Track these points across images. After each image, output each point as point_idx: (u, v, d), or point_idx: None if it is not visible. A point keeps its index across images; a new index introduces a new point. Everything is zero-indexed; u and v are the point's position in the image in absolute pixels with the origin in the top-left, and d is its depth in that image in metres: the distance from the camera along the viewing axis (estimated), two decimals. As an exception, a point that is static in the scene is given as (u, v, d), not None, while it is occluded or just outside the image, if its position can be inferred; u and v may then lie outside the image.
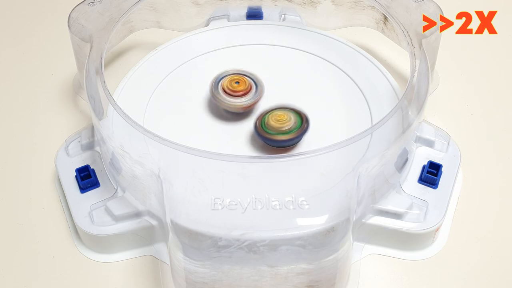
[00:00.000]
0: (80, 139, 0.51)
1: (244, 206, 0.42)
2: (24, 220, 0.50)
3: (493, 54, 0.62)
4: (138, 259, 0.47)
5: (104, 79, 0.47)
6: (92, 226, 0.46)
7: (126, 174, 0.46)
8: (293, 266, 0.41)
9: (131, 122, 0.44)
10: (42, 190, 0.52)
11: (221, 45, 0.57)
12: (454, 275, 0.47)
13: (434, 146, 0.51)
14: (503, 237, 0.49)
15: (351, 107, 0.51)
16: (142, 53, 0.59)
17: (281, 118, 0.48)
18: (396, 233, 0.46)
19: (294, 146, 0.49)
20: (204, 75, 0.54)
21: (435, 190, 0.48)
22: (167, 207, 0.41)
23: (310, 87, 0.53)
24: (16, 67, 0.62)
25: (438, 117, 0.56)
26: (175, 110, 0.52)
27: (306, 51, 0.56)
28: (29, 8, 0.68)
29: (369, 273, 0.47)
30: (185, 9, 0.59)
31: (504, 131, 0.56)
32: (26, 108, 0.58)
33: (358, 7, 0.58)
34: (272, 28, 0.59)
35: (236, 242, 0.40)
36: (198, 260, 0.41)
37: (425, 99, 0.46)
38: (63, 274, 0.47)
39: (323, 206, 0.42)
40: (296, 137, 0.48)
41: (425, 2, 0.52)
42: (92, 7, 0.53)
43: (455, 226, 0.49)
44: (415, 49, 0.49)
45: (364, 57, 0.55)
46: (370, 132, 0.44)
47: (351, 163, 0.43)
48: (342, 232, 0.41)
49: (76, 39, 0.52)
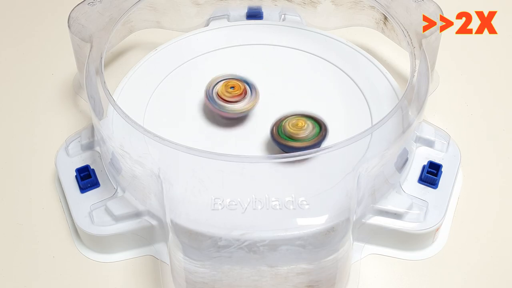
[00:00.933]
0: (80, 139, 0.51)
1: (244, 206, 0.42)
2: (24, 220, 0.50)
3: (493, 54, 0.62)
4: (138, 259, 0.47)
5: (104, 79, 0.47)
6: (92, 226, 0.46)
7: (126, 174, 0.46)
8: (293, 266, 0.41)
9: (131, 122, 0.44)
10: (42, 190, 0.52)
11: (221, 45, 0.57)
12: (454, 275, 0.47)
13: (434, 146, 0.51)
14: (503, 237, 0.49)
15: (351, 107, 0.51)
16: (142, 53, 0.59)
17: (298, 124, 0.47)
18: (396, 233, 0.46)
19: None
20: (204, 75, 0.54)
21: (435, 190, 0.48)
22: (167, 207, 0.41)
23: (310, 87, 0.53)
24: (16, 67, 0.62)
25: (438, 117, 0.56)
26: (175, 110, 0.52)
27: (306, 51, 0.56)
28: (29, 8, 0.68)
29: (369, 273, 0.47)
30: (185, 9, 0.59)
31: (504, 131, 0.56)
32: (26, 108, 0.58)
33: (358, 7, 0.58)
34: (272, 28, 0.59)
35: (236, 242, 0.40)
36: (198, 260, 0.41)
37: (425, 99, 0.46)
38: (63, 274, 0.47)
39: (323, 206, 0.42)
40: (314, 145, 0.46)
41: (425, 2, 0.52)
42: (92, 7, 0.53)
43: (455, 226, 0.49)
44: (415, 49, 0.49)
45: (364, 57, 0.55)
46: (370, 132, 0.44)
47: (351, 163, 0.43)
48: (342, 232, 0.41)
49: (76, 39, 0.52)
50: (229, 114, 0.50)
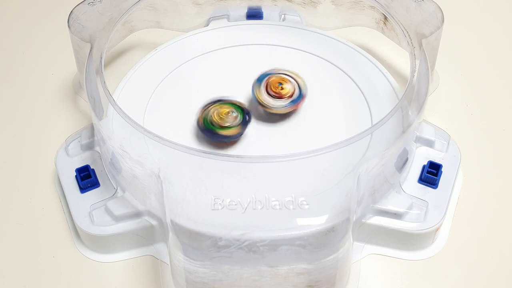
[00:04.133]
0: (80, 139, 0.51)
1: (244, 206, 0.42)
2: (24, 220, 0.50)
3: (493, 54, 0.62)
4: (138, 259, 0.47)
5: (104, 79, 0.47)
6: (92, 226, 0.46)
7: (126, 174, 0.46)
8: (293, 266, 0.41)
9: (131, 122, 0.44)
10: (42, 190, 0.52)
11: (221, 45, 0.57)
12: (454, 275, 0.47)
13: (434, 146, 0.51)
14: (503, 237, 0.49)
15: (351, 107, 0.51)
16: (142, 53, 0.59)
17: (222, 113, 0.48)
18: (396, 233, 0.46)
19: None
20: (204, 75, 0.54)
21: (435, 190, 0.48)
22: (167, 207, 0.41)
23: (310, 87, 0.53)
24: (16, 67, 0.62)
25: (438, 117, 0.56)
26: (175, 110, 0.52)
27: (306, 51, 0.56)
28: (29, 8, 0.68)
29: (369, 273, 0.47)
30: (185, 9, 0.59)
31: (504, 131, 0.56)
32: (26, 108, 0.58)
33: (358, 7, 0.58)
34: (272, 28, 0.59)
35: (236, 242, 0.40)
36: (198, 260, 0.41)
37: (425, 99, 0.46)
38: (63, 274, 0.47)
39: (323, 206, 0.42)
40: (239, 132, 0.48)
41: (425, 2, 0.52)
42: (92, 7, 0.53)
43: (455, 226, 0.49)
44: (415, 49, 0.49)
45: (364, 57, 0.55)
46: (370, 132, 0.44)
47: (351, 163, 0.43)
48: (342, 232, 0.41)
49: (76, 39, 0.52)
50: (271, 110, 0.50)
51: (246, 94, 0.51)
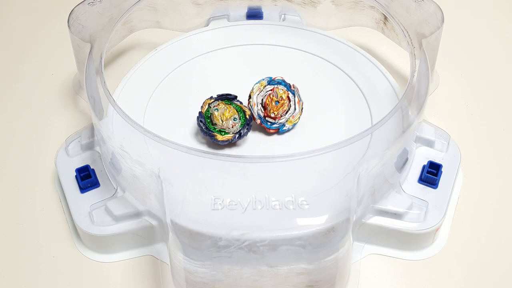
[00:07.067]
0: (80, 139, 0.51)
1: (244, 206, 0.42)
2: (24, 220, 0.50)
3: (493, 54, 0.63)
4: (138, 259, 0.47)
5: (104, 79, 0.47)
6: (92, 226, 0.46)
7: (126, 174, 0.46)
8: (293, 266, 0.41)
9: (131, 122, 0.44)
10: (42, 190, 0.52)
11: (221, 45, 0.57)
12: (454, 275, 0.47)
13: (434, 146, 0.51)
14: (503, 237, 0.49)
15: (351, 107, 0.51)
16: (142, 53, 0.59)
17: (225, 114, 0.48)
18: (396, 233, 0.46)
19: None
20: (204, 75, 0.54)
21: (435, 190, 0.48)
22: (167, 207, 0.41)
23: (310, 87, 0.53)
24: (16, 67, 0.62)
25: (438, 117, 0.56)
26: (175, 110, 0.52)
27: (306, 51, 0.56)
28: (29, 8, 0.68)
29: (369, 273, 0.47)
30: (185, 9, 0.59)
31: (504, 131, 0.56)
32: (26, 108, 0.58)
33: (358, 7, 0.58)
34: (272, 28, 0.59)
35: (236, 242, 0.40)
36: (198, 260, 0.41)
37: (425, 99, 0.46)
38: (63, 274, 0.47)
39: (323, 206, 0.42)
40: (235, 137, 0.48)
41: (425, 2, 0.52)
42: (92, 7, 0.53)
43: (455, 226, 0.49)
44: (415, 49, 0.49)
45: (364, 57, 0.55)
46: (370, 132, 0.44)
47: (351, 163, 0.43)
48: (342, 232, 0.41)
49: (76, 39, 0.52)
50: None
51: (246, 94, 0.51)
